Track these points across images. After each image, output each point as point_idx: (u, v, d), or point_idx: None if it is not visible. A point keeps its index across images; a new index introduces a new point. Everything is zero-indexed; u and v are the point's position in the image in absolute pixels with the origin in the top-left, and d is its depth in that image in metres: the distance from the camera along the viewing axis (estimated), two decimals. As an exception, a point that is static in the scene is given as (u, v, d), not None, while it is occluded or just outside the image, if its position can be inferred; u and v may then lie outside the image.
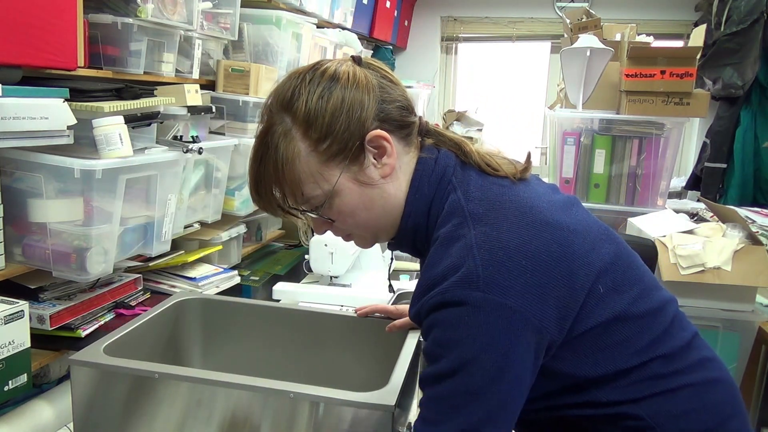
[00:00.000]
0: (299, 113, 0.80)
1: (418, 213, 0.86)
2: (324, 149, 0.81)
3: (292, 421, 0.86)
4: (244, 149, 1.84)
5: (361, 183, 0.83)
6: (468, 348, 0.74)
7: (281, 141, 0.81)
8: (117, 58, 1.40)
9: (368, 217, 0.86)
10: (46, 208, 1.20)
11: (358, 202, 0.84)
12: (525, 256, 0.76)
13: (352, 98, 0.80)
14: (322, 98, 0.80)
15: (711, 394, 0.86)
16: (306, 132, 0.81)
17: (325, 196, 0.83)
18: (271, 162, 0.82)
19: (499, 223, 0.78)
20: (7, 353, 1.06)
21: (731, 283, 1.96)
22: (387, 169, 0.83)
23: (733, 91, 3.28)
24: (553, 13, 4.01)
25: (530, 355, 0.76)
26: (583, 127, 2.73)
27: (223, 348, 1.24)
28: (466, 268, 0.74)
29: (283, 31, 1.99)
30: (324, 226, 0.89)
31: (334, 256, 1.83)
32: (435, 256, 0.80)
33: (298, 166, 0.81)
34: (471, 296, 0.73)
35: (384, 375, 0.92)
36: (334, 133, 0.80)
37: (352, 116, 0.80)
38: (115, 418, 0.93)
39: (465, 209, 0.81)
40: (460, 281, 0.74)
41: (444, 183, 0.85)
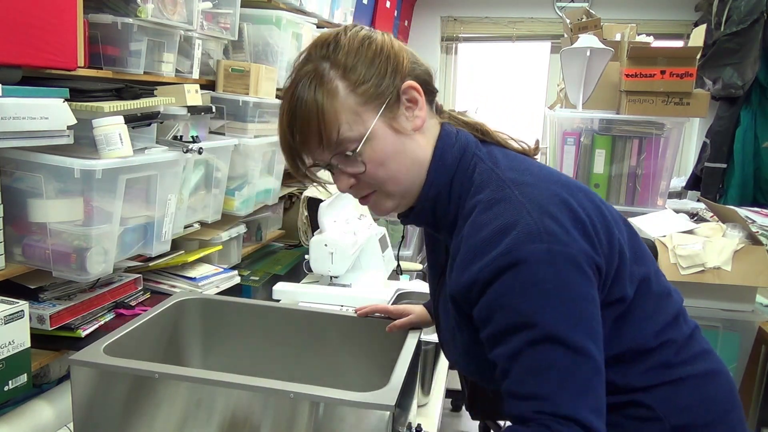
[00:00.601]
0: (339, 57, 0.82)
1: (440, 182, 0.87)
2: (362, 92, 0.82)
3: (292, 421, 0.86)
4: (244, 149, 1.84)
5: (395, 130, 0.84)
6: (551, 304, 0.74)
7: (320, 81, 0.82)
8: (117, 58, 1.40)
9: (398, 169, 0.85)
10: (46, 208, 1.20)
11: (391, 149, 0.84)
12: (569, 209, 0.79)
13: (389, 48, 0.84)
14: (363, 46, 0.83)
15: (712, 385, 0.88)
16: (345, 74, 0.82)
17: (359, 140, 0.83)
18: (309, 101, 0.82)
19: (538, 184, 0.81)
20: (7, 353, 1.06)
21: (731, 283, 1.96)
22: (418, 121, 0.86)
23: (733, 91, 3.28)
24: (553, 13, 4.01)
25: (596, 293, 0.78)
26: (583, 127, 2.73)
27: (223, 348, 1.24)
28: (524, 224, 0.76)
29: (283, 31, 1.99)
30: (349, 180, 0.87)
31: (334, 256, 1.83)
32: (480, 219, 0.80)
33: (335, 105, 0.82)
34: (538, 249, 0.74)
35: (384, 375, 0.92)
36: (372, 77, 0.82)
37: (389, 65, 0.83)
38: (115, 418, 0.93)
39: (500, 175, 0.83)
40: (522, 237, 0.75)
41: (468, 155, 0.87)
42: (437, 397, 1.44)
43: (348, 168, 0.86)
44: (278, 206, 2.34)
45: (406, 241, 2.66)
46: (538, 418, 0.73)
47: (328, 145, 0.84)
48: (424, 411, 1.39)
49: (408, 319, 1.15)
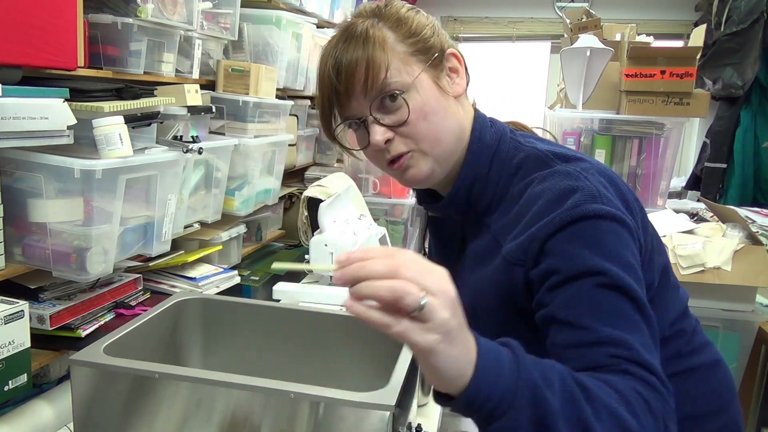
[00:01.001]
0: (390, 14, 0.85)
1: (481, 164, 0.87)
2: (411, 43, 0.84)
3: (293, 421, 0.86)
4: (244, 149, 1.84)
5: (439, 87, 0.85)
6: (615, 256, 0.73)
7: (370, 27, 0.84)
8: (117, 58, 1.40)
9: (440, 126, 0.85)
10: (46, 208, 1.20)
11: (435, 104, 0.84)
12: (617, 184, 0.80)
13: (433, 20, 0.88)
14: (411, 11, 0.87)
15: (716, 376, 0.90)
16: (395, 27, 0.84)
17: (405, 86, 0.83)
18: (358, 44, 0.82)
19: (583, 159, 0.82)
20: (7, 353, 1.06)
21: (731, 283, 1.96)
22: (458, 88, 0.88)
23: (733, 91, 3.28)
24: (553, 13, 4.02)
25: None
26: (583, 127, 2.73)
27: (223, 348, 1.24)
28: (585, 188, 0.76)
29: (283, 31, 1.99)
30: (386, 133, 0.85)
31: (334, 256, 1.83)
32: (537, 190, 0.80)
33: (385, 49, 0.82)
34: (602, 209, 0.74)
35: (384, 375, 0.92)
36: (420, 35, 0.85)
37: (435, 30, 0.87)
38: (115, 418, 0.93)
39: (548, 155, 0.84)
40: (585, 198, 0.75)
41: (506, 138, 0.88)
42: (437, 397, 1.43)
43: (388, 118, 0.84)
44: (278, 206, 2.34)
45: (405, 241, 2.66)
46: (614, 363, 0.68)
47: (372, 88, 0.82)
48: (424, 411, 1.39)
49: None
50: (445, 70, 0.86)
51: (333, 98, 0.85)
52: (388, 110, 0.83)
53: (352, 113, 0.85)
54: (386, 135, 0.84)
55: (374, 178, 2.56)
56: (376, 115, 0.84)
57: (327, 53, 0.86)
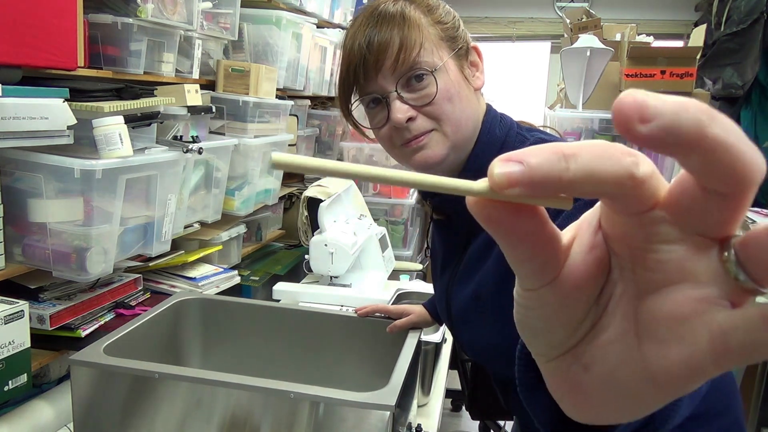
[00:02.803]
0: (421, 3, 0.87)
1: (488, 154, 0.87)
2: (442, 28, 0.86)
3: (293, 421, 0.86)
4: (244, 149, 1.84)
5: (463, 75, 0.87)
6: None
7: (405, 8, 0.85)
8: (117, 58, 1.40)
9: (462, 110, 0.86)
10: (46, 208, 1.20)
11: (459, 89, 0.86)
12: None
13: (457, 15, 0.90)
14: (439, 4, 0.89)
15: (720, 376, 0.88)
16: (426, 11, 0.86)
17: (431, 67, 0.83)
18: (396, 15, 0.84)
19: None
20: (7, 353, 1.06)
21: (731, 283, 1.96)
22: (478, 82, 0.90)
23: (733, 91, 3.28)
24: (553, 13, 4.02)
25: None
26: (583, 127, 2.73)
27: (223, 348, 1.24)
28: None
29: (283, 31, 1.99)
30: (409, 111, 0.84)
31: (334, 256, 1.83)
32: None
33: (420, 29, 0.84)
34: None
35: (384, 375, 0.92)
36: (450, 23, 0.87)
37: (460, 25, 0.89)
38: (115, 418, 0.93)
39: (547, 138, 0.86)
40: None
41: (513, 132, 0.89)
42: (437, 397, 1.44)
43: (413, 96, 0.84)
44: (278, 206, 2.34)
45: (405, 241, 2.66)
46: None
47: (403, 64, 0.82)
48: (424, 411, 1.39)
49: (408, 319, 1.15)
50: (467, 62, 0.89)
51: (360, 71, 0.84)
52: (414, 89, 0.84)
53: (375, 89, 0.85)
54: (409, 113, 0.84)
55: (374, 178, 2.56)
56: (402, 92, 0.84)
57: (356, 30, 0.86)
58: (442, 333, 1.39)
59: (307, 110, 2.59)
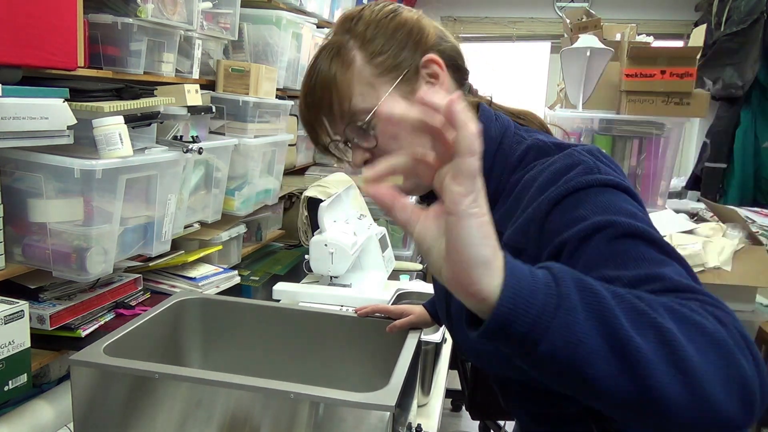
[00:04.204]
0: (360, 29, 0.83)
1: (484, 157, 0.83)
2: (378, 63, 0.82)
3: (293, 421, 0.86)
4: (244, 149, 1.84)
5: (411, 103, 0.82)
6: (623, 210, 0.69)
7: (338, 52, 0.83)
8: (117, 58, 1.40)
9: (412, 144, 0.82)
10: (46, 208, 1.20)
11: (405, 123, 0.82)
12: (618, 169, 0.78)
13: (415, 22, 0.83)
14: (386, 18, 0.83)
15: None
16: (363, 45, 0.82)
17: (369, 111, 0.81)
18: (323, 71, 0.83)
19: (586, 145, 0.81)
20: (7, 353, 1.06)
21: (731, 283, 1.96)
22: None
23: (733, 91, 3.29)
24: (553, 13, 4.02)
25: None
26: (583, 127, 2.73)
27: (223, 348, 1.24)
28: (583, 164, 0.74)
29: (283, 31, 1.99)
30: (364, 155, 0.85)
31: (334, 256, 1.83)
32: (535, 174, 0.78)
33: (350, 75, 0.82)
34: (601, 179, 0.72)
35: (384, 375, 0.92)
36: (392, 48, 0.82)
37: (412, 36, 0.83)
38: (115, 418, 0.93)
39: (550, 145, 0.82)
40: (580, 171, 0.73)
41: (510, 132, 0.86)
42: (437, 397, 1.44)
43: (362, 141, 0.84)
44: (278, 206, 2.34)
45: (405, 241, 2.66)
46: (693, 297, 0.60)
47: (341, 115, 0.83)
48: (424, 411, 1.39)
49: (408, 320, 1.15)
50: (422, 80, 0.83)
51: (310, 128, 0.87)
52: (360, 134, 0.83)
53: (332, 133, 0.86)
54: (364, 156, 0.85)
55: (374, 178, 2.55)
56: (353, 136, 0.84)
57: (305, 77, 0.86)
58: (442, 333, 1.39)
59: (307, 110, 2.59)
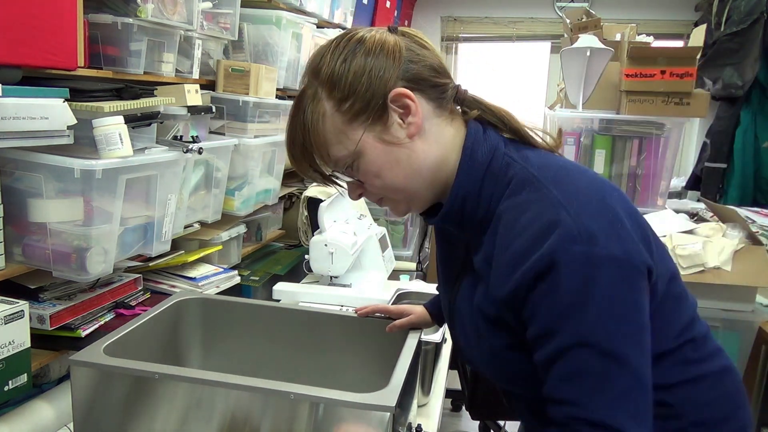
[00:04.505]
0: (324, 75, 0.83)
1: (471, 181, 0.84)
2: (346, 109, 0.82)
3: (292, 421, 0.86)
4: (244, 149, 1.84)
5: (385, 143, 0.83)
6: (589, 309, 0.72)
7: (309, 103, 0.84)
8: (117, 58, 1.40)
9: (394, 179, 0.85)
10: (46, 208, 1.20)
11: (383, 162, 0.84)
12: (608, 207, 0.77)
13: (375, 59, 0.82)
14: (346, 60, 0.82)
15: (727, 382, 0.89)
16: (330, 92, 0.83)
17: (350, 157, 0.84)
18: (300, 124, 0.85)
19: (574, 181, 0.79)
20: (7, 353, 1.06)
21: (731, 283, 1.96)
22: (413, 128, 0.83)
23: (733, 91, 3.28)
24: (553, 13, 4.02)
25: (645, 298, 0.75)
26: (583, 127, 2.73)
27: (223, 348, 1.24)
28: (563, 225, 0.73)
29: (283, 31, 1.99)
30: (357, 189, 0.89)
31: (334, 256, 1.83)
32: (516, 224, 0.78)
33: (323, 126, 0.83)
34: (576, 252, 0.72)
35: (384, 375, 0.92)
36: (356, 92, 0.82)
37: (374, 75, 0.81)
38: (115, 418, 0.93)
39: (536, 175, 0.81)
40: (562, 239, 0.73)
41: (499, 154, 0.85)
42: (437, 397, 1.44)
43: (351, 179, 0.88)
44: (278, 206, 2.34)
45: (405, 241, 2.66)
46: (571, 423, 0.73)
47: (325, 162, 0.86)
48: (424, 411, 1.39)
49: (408, 319, 1.15)
50: (392, 117, 0.82)
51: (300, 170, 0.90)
52: (348, 173, 0.87)
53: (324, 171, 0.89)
54: (357, 191, 0.90)
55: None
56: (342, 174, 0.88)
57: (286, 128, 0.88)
58: (442, 333, 1.39)
59: (307, 110, 2.59)
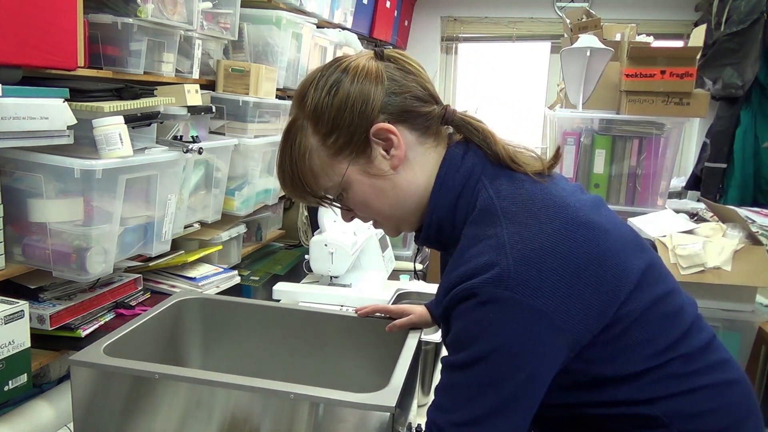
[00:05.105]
0: (309, 108, 0.85)
1: (443, 208, 0.86)
2: (331, 143, 0.84)
3: (292, 422, 0.86)
4: (244, 149, 1.84)
5: (370, 175, 0.85)
6: (490, 343, 0.75)
7: (298, 135, 0.86)
8: (117, 58, 1.40)
9: (381, 207, 0.88)
10: (46, 208, 1.20)
11: (370, 193, 0.86)
12: (556, 257, 0.76)
13: (357, 92, 0.82)
14: (329, 94, 0.83)
15: (728, 394, 0.87)
16: (315, 126, 0.84)
17: (338, 188, 0.87)
18: (288, 157, 0.87)
19: (532, 223, 0.78)
20: (7, 353, 1.06)
21: (731, 283, 1.96)
22: (395, 160, 0.85)
23: (733, 91, 3.28)
24: (553, 13, 4.02)
25: (553, 354, 0.76)
26: (583, 127, 2.73)
27: (223, 348, 1.24)
28: (499, 268, 0.74)
29: (283, 31, 1.99)
30: (349, 213, 0.93)
31: (334, 256, 1.83)
32: (465, 253, 0.80)
33: (311, 160, 0.86)
34: (501, 295, 0.74)
35: (384, 375, 0.92)
36: (340, 127, 0.83)
37: (356, 110, 0.82)
38: (115, 418, 0.93)
39: (497, 208, 0.81)
40: (491, 279, 0.74)
41: (473, 180, 0.85)
42: (437, 398, 1.43)
43: (342, 205, 0.92)
44: (278, 206, 2.34)
45: (405, 241, 2.66)
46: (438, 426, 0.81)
47: (315, 191, 0.89)
48: (424, 411, 1.38)
49: (408, 319, 1.15)
50: (375, 150, 0.84)
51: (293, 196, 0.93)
52: (338, 200, 0.91)
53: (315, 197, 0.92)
54: (349, 215, 0.94)
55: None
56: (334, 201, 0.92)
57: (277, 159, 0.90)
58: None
59: (307, 110, 2.59)
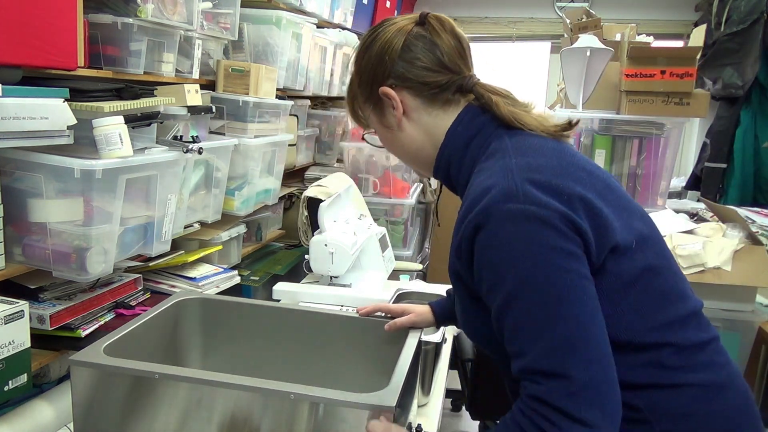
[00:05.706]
0: (355, 58, 1.02)
1: (455, 147, 0.96)
2: (361, 92, 1.01)
3: (292, 421, 0.86)
4: (244, 149, 1.84)
5: (383, 125, 1.01)
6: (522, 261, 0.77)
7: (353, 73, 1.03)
8: (117, 58, 1.40)
9: (396, 152, 1.04)
10: (46, 208, 1.20)
11: (384, 137, 1.04)
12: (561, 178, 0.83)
13: (376, 57, 0.97)
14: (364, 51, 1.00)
15: (720, 399, 0.85)
16: (356, 75, 1.02)
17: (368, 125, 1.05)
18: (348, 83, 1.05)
19: (539, 156, 0.86)
20: (7, 353, 1.06)
21: (731, 283, 1.96)
22: (394, 120, 0.99)
23: (733, 91, 3.28)
24: (553, 13, 4.02)
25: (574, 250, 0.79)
26: (583, 127, 2.73)
27: (223, 348, 1.24)
28: (505, 184, 0.81)
29: (283, 31, 1.99)
30: None
31: (334, 256, 1.83)
32: (476, 181, 0.87)
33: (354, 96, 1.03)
34: (512, 209, 0.79)
35: (384, 375, 0.92)
36: (363, 82, 1.00)
37: (375, 71, 0.98)
38: (115, 418, 0.93)
39: (509, 146, 0.89)
40: (499, 195, 0.80)
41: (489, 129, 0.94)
42: (437, 397, 1.44)
43: None
44: (278, 206, 2.34)
45: (405, 241, 2.66)
46: (521, 375, 0.78)
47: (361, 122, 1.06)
48: (424, 411, 1.39)
49: (408, 318, 1.15)
50: (387, 105, 0.98)
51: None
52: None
53: None
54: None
55: (374, 178, 2.56)
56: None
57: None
58: (442, 333, 1.39)
59: (307, 110, 2.59)
